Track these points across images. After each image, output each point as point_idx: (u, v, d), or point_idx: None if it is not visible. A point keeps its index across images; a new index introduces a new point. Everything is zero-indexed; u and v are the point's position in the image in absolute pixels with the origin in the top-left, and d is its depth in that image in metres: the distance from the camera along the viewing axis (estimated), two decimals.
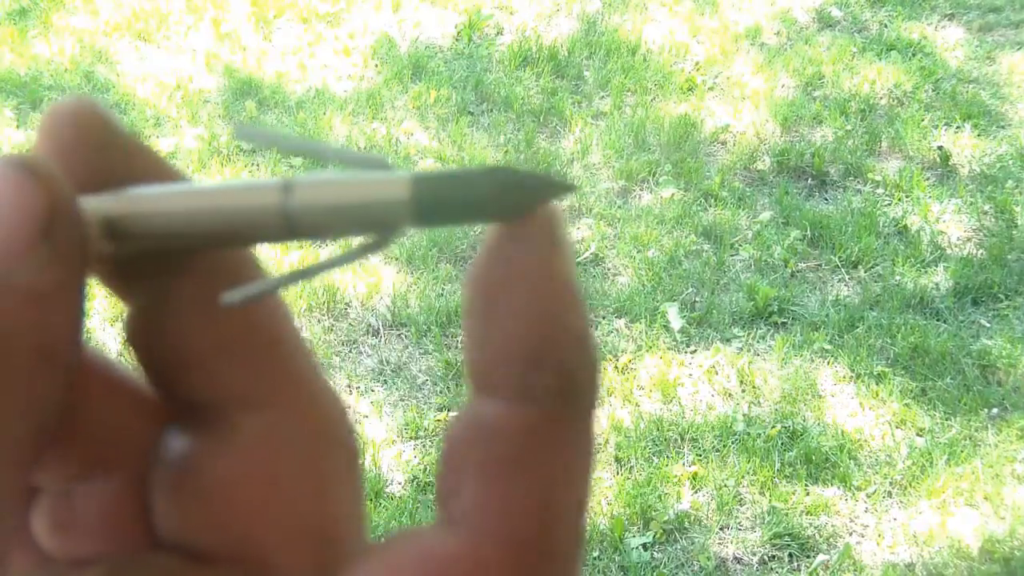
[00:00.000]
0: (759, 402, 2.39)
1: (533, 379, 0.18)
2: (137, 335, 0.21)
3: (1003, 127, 3.31)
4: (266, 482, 0.21)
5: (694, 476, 2.21)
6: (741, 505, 2.17)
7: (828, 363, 2.49)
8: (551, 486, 0.18)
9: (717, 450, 2.27)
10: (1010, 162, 3.14)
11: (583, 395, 0.18)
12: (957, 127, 3.29)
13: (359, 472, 0.22)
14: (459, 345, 2.54)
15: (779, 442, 2.27)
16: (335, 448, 0.22)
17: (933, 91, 3.46)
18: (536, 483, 0.18)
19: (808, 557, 2.08)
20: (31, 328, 0.18)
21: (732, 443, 2.28)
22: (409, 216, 0.20)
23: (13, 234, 0.18)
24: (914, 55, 3.65)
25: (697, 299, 2.66)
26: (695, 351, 2.52)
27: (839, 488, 2.20)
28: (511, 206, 0.20)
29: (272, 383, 0.21)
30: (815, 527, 2.12)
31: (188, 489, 0.21)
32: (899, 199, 3.02)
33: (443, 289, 2.67)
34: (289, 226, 0.20)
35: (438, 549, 0.18)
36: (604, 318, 2.61)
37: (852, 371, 2.46)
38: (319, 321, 2.58)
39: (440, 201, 0.20)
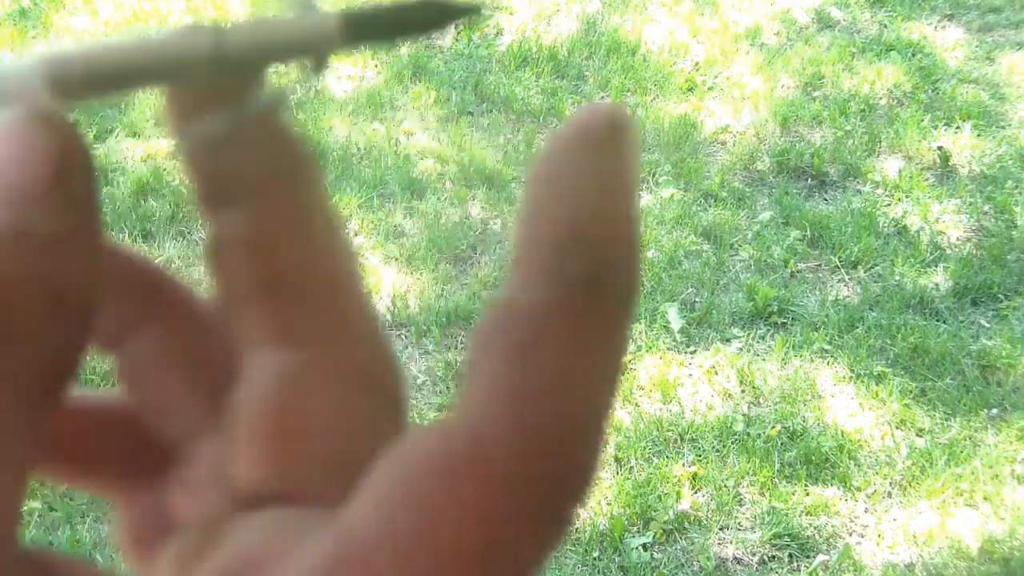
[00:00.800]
0: (759, 402, 2.39)
1: (565, 263, 0.18)
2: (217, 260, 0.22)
3: (1003, 127, 3.31)
4: (300, 417, 0.21)
5: (694, 476, 2.21)
6: (741, 505, 2.17)
7: (828, 363, 2.49)
8: (568, 372, 0.17)
9: (717, 450, 2.27)
10: (1010, 162, 3.14)
11: (617, 287, 0.18)
12: (957, 127, 3.29)
13: (402, 418, 0.22)
14: (459, 345, 2.54)
15: (779, 442, 2.27)
16: (375, 391, 0.22)
17: (933, 91, 3.46)
18: (552, 366, 0.17)
19: (808, 557, 2.08)
20: (45, 276, 0.18)
21: (732, 443, 2.28)
22: (339, 34, 0.21)
23: (28, 180, 0.18)
24: (914, 55, 3.65)
25: (697, 299, 2.66)
26: (695, 351, 2.52)
27: (839, 488, 2.20)
28: (434, 18, 0.21)
29: (316, 322, 0.21)
30: (815, 527, 2.12)
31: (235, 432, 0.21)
32: (899, 199, 3.02)
33: (443, 289, 2.67)
34: (222, 66, 0.21)
35: (443, 434, 0.17)
36: None
37: (852, 371, 2.46)
38: None
39: (368, 20, 0.21)
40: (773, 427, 2.30)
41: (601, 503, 2.16)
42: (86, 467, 0.22)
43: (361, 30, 0.21)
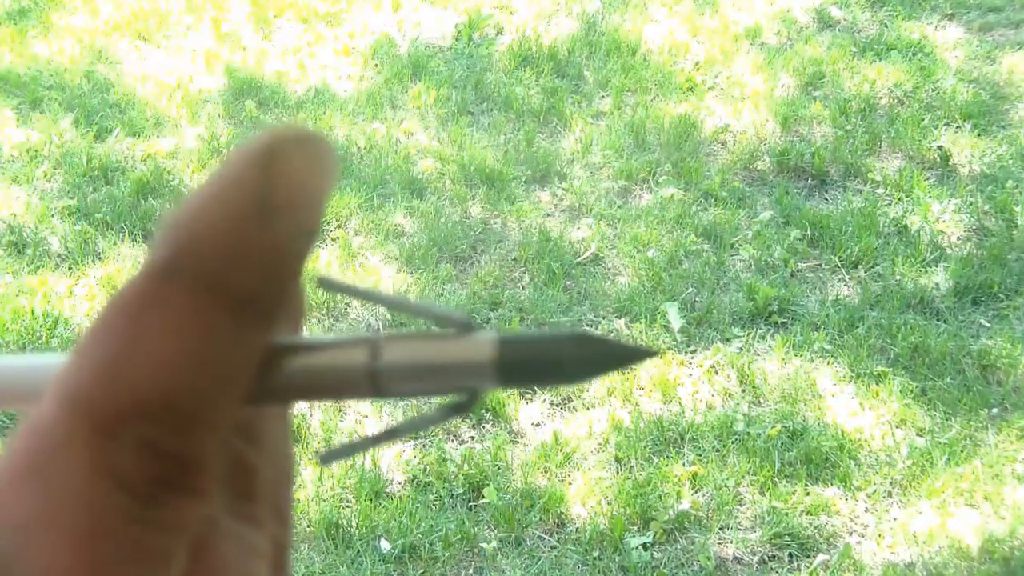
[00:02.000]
0: (759, 402, 2.39)
1: (154, 253, 0.20)
2: None
3: (1003, 127, 3.31)
4: None
5: (694, 476, 2.21)
6: (741, 505, 2.17)
7: (828, 363, 2.49)
8: (135, 344, 0.19)
9: (717, 450, 2.27)
10: (1010, 162, 3.14)
11: (197, 280, 0.19)
12: (957, 127, 3.29)
13: None
14: None
15: (779, 442, 2.27)
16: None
17: (933, 91, 3.46)
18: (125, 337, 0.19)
19: (808, 557, 2.08)
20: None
21: (732, 443, 2.28)
22: (493, 377, 0.20)
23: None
24: (914, 55, 3.65)
25: (697, 299, 2.66)
26: (695, 351, 2.52)
27: (839, 488, 2.20)
28: (592, 369, 0.20)
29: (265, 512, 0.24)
30: (815, 527, 2.12)
31: None
32: (899, 199, 3.02)
33: (443, 289, 2.67)
34: (375, 385, 0.21)
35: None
36: (604, 318, 2.60)
37: (852, 371, 2.46)
38: (319, 321, 2.58)
39: (524, 363, 0.20)
40: (773, 427, 2.30)
41: (601, 503, 2.16)
42: None
43: (516, 360, 0.20)
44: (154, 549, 0.19)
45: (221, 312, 0.19)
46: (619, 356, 0.20)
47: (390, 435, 0.23)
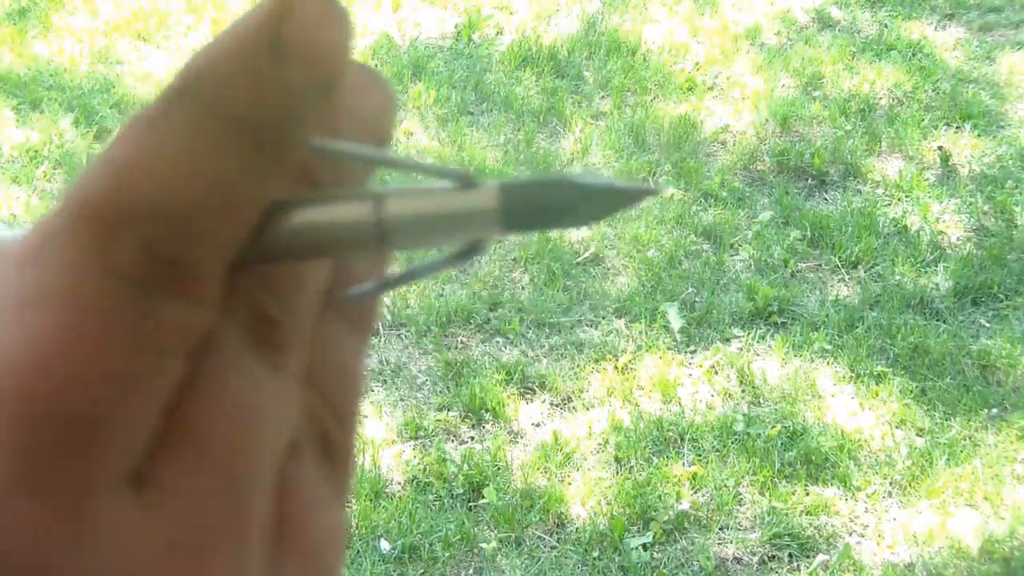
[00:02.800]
0: (759, 402, 2.39)
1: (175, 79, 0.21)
2: None
3: (1003, 127, 3.31)
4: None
5: (694, 476, 2.21)
6: (741, 505, 2.17)
7: (828, 363, 2.49)
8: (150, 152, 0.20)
9: (717, 450, 2.27)
10: (1010, 162, 3.14)
11: (203, 98, 0.20)
12: (957, 127, 3.29)
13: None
14: (459, 345, 2.54)
15: (779, 442, 2.27)
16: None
17: (933, 91, 3.46)
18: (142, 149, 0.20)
19: (808, 557, 2.08)
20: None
21: (732, 443, 2.28)
22: (498, 223, 0.21)
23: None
24: (914, 55, 3.65)
25: (697, 299, 2.66)
26: (695, 351, 2.52)
27: (839, 488, 2.20)
28: (596, 211, 0.21)
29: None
30: (815, 527, 2.12)
31: None
32: (899, 199, 3.02)
33: (443, 289, 2.67)
34: (382, 237, 0.21)
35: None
36: (604, 318, 2.60)
37: (852, 371, 2.46)
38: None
39: (527, 208, 0.21)
40: (773, 427, 2.30)
41: (601, 503, 2.16)
42: None
43: (520, 205, 0.21)
44: (145, 340, 0.19)
45: (230, 134, 0.20)
46: (622, 196, 0.21)
47: (407, 277, 0.23)
